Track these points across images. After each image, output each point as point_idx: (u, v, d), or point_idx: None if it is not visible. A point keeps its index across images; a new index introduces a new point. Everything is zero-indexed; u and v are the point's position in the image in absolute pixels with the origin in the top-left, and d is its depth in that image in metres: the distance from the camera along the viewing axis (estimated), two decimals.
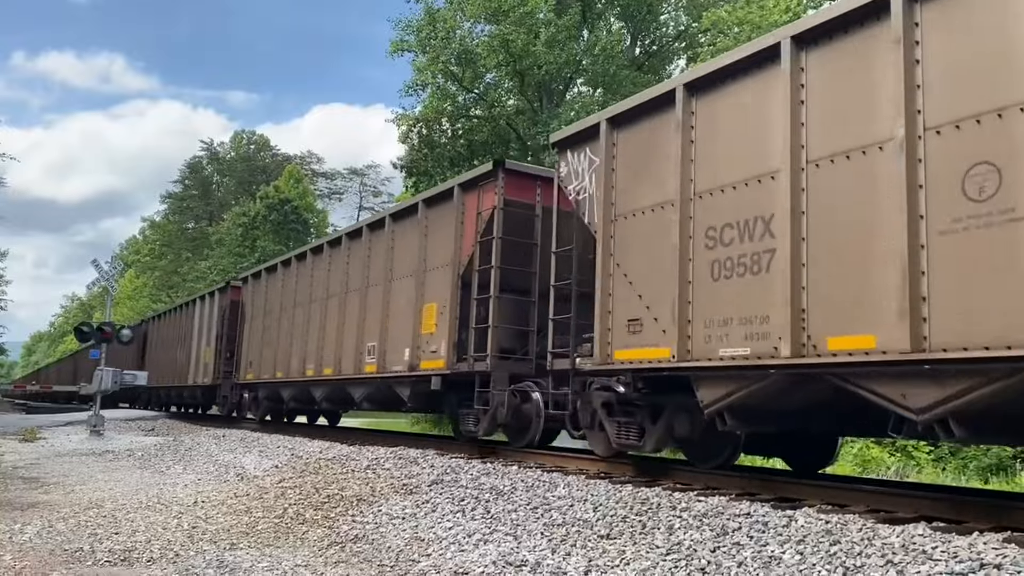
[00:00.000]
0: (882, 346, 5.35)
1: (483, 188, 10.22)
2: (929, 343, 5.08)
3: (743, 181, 6.54)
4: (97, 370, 19.10)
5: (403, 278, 11.86)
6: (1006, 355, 4.67)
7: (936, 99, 5.22)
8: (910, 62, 5.38)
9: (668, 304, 7.07)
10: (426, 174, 29.93)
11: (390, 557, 5.70)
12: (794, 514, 5.32)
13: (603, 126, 8.15)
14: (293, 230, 49.22)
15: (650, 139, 7.63)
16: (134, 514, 7.53)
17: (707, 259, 6.77)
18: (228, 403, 19.41)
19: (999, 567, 3.90)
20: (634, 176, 7.80)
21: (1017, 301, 4.67)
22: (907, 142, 5.31)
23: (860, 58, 5.77)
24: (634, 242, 7.70)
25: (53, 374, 50.91)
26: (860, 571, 4.19)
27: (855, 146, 5.72)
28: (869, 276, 5.51)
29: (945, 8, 5.26)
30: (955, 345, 4.94)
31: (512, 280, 9.82)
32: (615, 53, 28.08)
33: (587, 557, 5.11)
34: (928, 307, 5.12)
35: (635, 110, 7.84)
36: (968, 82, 5.05)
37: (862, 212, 5.61)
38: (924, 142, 5.25)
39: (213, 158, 66.11)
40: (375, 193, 61.83)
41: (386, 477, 8.65)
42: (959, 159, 5.04)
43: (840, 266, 5.73)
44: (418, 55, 30.19)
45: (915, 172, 5.26)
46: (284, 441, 13.44)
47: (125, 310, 60.21)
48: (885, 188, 5.43)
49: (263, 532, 6.74)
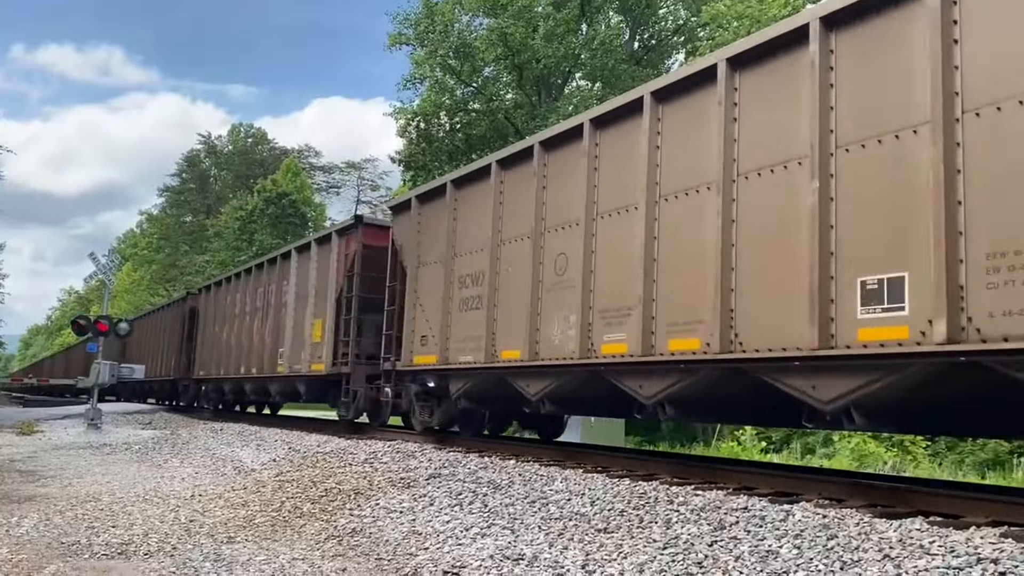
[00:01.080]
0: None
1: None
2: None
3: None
4: (95, 363, 19.07)
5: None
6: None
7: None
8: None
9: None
10: (424, 168, 29.86)
11: (387, 551, 5.70)
12: (791, 508, 5.33)
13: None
14: (291, 224, 49.12)
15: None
16: (131, 507, 7.53)
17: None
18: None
19: (996, 561, 3.90)
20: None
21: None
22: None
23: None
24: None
25: (49, 367, 50.82)
26: (857, 565, 4.19)
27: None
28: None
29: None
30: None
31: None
32: (614, 47, 28.00)
33: (584, 551, 5.11)
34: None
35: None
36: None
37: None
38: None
39: (211, 151, 65.89)
40: (373, 187, 61.77)
41: (383, 471, 8.65)
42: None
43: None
44: (416, 48, 30.12)
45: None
46: (281, 435, 13.45)
47: (123, 303, 60.10)
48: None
49: (260, 525, 6.73)
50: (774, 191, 6.07)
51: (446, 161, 29.04)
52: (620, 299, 7.40)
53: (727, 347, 6.27)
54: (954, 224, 4.90)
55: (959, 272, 4.86)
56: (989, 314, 4.70)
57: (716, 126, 6.55)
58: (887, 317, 5.23)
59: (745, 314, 6.18)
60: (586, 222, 7.95)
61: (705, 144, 6.66)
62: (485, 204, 9.68)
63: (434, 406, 10.90)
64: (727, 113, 6.48)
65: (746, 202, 6.30)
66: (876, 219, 5.36)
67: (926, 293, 4.99)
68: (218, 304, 20.58)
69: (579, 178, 8.10)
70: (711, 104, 6.65)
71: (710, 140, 6.61)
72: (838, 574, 4.12)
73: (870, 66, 5.55)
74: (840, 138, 5.66)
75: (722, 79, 6.51)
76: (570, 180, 8.29)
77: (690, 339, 6.60)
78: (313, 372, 14.08)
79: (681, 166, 6.95)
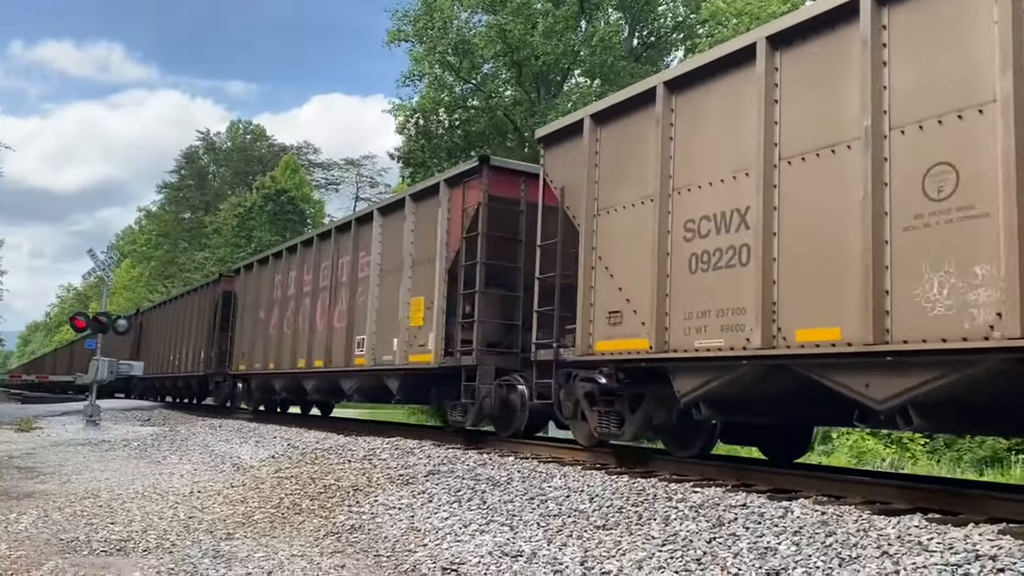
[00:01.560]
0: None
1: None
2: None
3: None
4: (93, 360, 19.06)
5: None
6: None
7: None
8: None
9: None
10: (423, 165, 29.83)
11: (386, 547, 5.70)
12: (790, 505, 5.33)
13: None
14: (289, 221, 49.05)
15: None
16: (130, 504, 7.52)
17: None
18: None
19: (994, 558, 3.91)
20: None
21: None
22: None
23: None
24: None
25: (50, 364, 50.82)
26: (856, 562, 4.19)
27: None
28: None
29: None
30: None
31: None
32: (613, 44, 27.97)
33: (583, 548, 5.11)
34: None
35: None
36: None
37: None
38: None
39: (209, 148, 65.80)
40: (372, 184, 61.68)
41: (382, 467, 8.65)
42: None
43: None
44: (415, 45, 30.08)
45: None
46: (280, 431, 13.44)
47: (121, 300, 60.06)
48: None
49: (259, 522, 6.73)
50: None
51: (445, 158, 29.01)
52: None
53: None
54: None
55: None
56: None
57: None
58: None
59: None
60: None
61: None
62: (742, 104, 6.55)
63: (624, 411, 7.82)
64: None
65: None
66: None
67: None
68: (263, 285, 17.38)
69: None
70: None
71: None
72: (837, 571, 4.13)
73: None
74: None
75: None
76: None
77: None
78: (414, 365, 10.91)
79: None
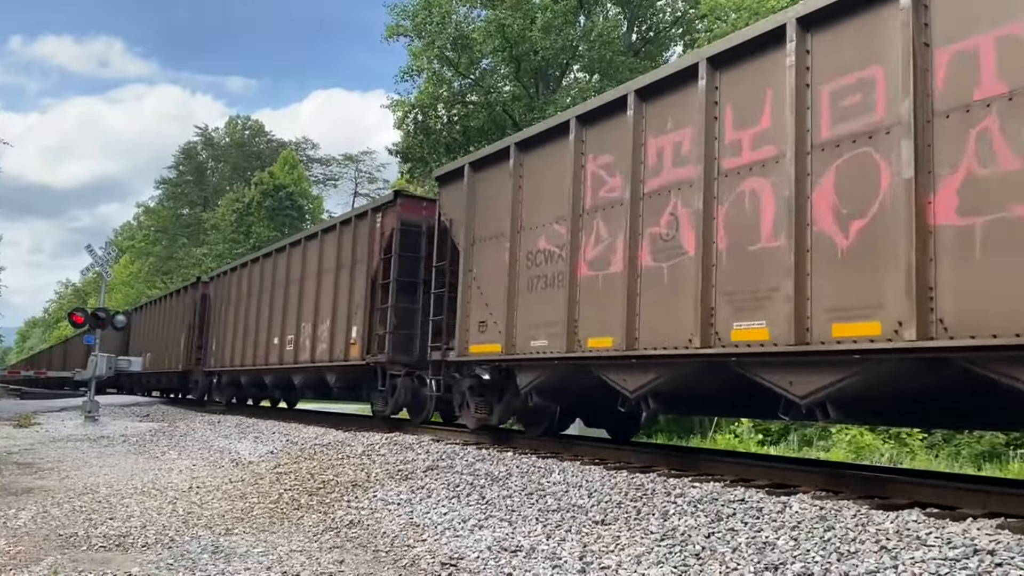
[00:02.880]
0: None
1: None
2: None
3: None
4: (92, 356, 19.06)
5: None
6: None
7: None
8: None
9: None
10: (422, 160, 29.79)
11: (385, 542, 5.71)
12: (788, 500, 5.34)
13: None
14: (288, 216, 49.01)
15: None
16: (129, 499, 7.52)
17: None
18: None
19: (992, 553, 3.91)
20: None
21: None
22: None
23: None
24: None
25: (48, 359, 50.80)
26: (854, 557, 4.20)
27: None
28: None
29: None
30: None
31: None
32: (612, 39, 27.90)
33: (582, 543, 5.11)
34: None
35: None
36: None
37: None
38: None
39: (207, 143, 65.71)
40: (370, 179, 61.65)
41: (381, 463, 8.65)
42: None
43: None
44: (414, 40, 30.00)
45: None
46: (279, 427, 13.45)
47: (120, 296, 60.00)
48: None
49: (258, 517, 6.73)
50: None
51: (443, 153, 28.96)
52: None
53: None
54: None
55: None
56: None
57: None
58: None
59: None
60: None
61: None
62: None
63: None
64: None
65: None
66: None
67: None
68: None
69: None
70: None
71: None
72: (835, 565, 4.13)
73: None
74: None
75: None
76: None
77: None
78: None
79: None
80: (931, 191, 5.08)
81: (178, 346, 22.54)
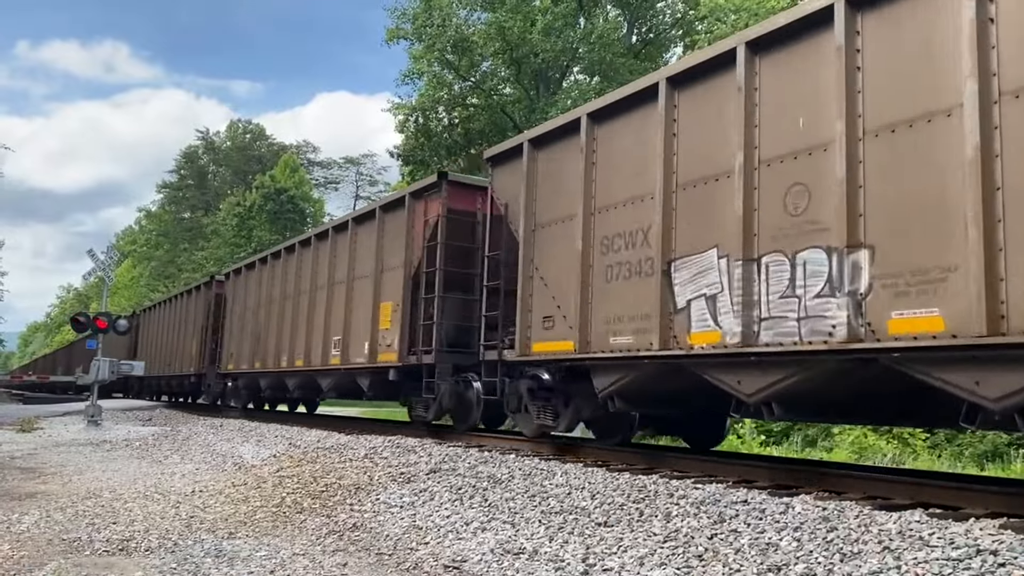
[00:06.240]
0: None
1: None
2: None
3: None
4: (94, 360, 19.07)
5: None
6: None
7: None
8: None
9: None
10: (423, 163, 29.83)
11: (388, 545, 5.71)
12: (791, 501, 5.33)
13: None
14: (289, 220, 49.05)
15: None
16: (132, 504, 7.53)
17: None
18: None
19: (995, 553, 3.91)
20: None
21: None
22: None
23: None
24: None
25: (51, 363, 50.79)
26: (857, 557, 4.20)
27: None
28: None
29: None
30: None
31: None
32: (611, 41, 27.93)
33: (585, 544, 5.12)
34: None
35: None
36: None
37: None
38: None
39: (209, 147, 65.79)
40: (371, 182, 61.67)
41: (384, 466, 8.66)
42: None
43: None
44: (414, 43, 30.04)
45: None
46: (282, 430, 13.45)
47: (122, 300, 60.08)
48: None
49: (261, 521, 6.74)
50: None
51: (445, 156, 29.01)
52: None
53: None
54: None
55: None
56: None
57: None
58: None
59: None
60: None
61: None
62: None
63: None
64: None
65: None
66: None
67: None
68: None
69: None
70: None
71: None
72: (838, 566, 4.13)
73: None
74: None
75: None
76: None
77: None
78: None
79: None
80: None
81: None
